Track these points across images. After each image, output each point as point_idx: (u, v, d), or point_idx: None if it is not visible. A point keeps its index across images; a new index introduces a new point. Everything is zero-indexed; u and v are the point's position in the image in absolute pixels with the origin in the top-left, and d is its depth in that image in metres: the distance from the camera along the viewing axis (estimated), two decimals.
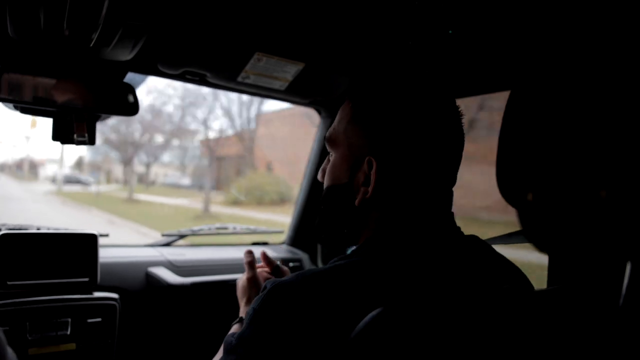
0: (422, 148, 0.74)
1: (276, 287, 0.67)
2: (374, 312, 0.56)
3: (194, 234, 1.94)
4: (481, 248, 0.78)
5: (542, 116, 0.68)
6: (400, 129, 0.74)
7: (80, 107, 1.28)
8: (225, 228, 2.02)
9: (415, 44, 1.22)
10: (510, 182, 0.71)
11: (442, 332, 0.55)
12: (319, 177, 0.89)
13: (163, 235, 1.91)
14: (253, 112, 16.23)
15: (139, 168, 22.34)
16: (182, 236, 1.91)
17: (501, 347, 0.57)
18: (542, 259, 0.98)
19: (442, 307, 0.57)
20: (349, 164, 0.79)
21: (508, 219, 0.79)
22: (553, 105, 0.68)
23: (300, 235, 2.08)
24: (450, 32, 1.12)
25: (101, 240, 1.52)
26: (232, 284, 1.66)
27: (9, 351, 0.58)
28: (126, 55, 1.27)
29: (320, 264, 2.08)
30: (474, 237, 0.79)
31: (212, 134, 17.69)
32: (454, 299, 0.59)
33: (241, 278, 1.13)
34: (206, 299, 1.60)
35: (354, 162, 0.78)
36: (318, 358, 0.61)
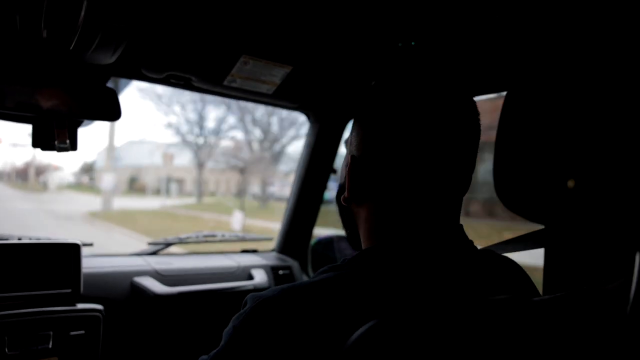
0: (407, 149, 0.69)
1: (260, 303, 0.63)
2: (367, 325, 0.53)
3: (182, 242, 1.90)
4: (493, 262, 0.74)
5: (538, 116, 0.67)
6: (383, 128, 0.71)
7: (61, 113, 1.24)
8: (214, 236, 1.99)
9: (413, 44, 1.20)
10: (507, 183, 0.69)
11: (437, 344, 0.52)
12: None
13: (149, 243, 1.87)
14: None
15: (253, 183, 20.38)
16: (168, 244, 1.87)
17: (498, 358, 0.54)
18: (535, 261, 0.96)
19: (434, 319, 0.54)
20: (345, 163, 0.79)
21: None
22: (550, 106, 0.66)
23: (289, 243, 2.05)
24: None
25: (85, 250, 1.47)
26: (220, 292, 1.62)
27: None
28: (108, 59, 1.23)
29: (310, 272, 2.05)
30: (488, 251, 0.75)
31: None
32: (447, 311, 0.56)
33: None
34: (193, 309, 1.56)
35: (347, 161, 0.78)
36: None
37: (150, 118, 39.98)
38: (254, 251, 2.05)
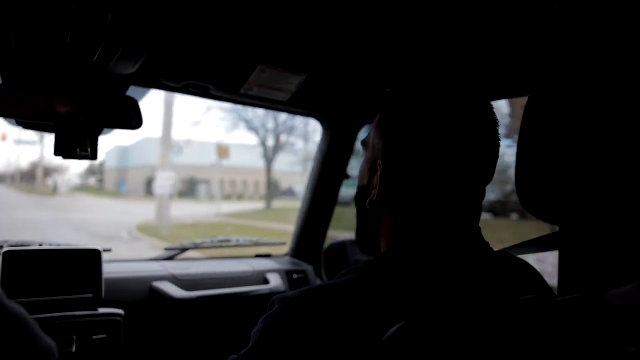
0: (436, 156, 0.71)
1: (288, 304, 0.65)
2: (398, 325, 0.55)
3: (197, 247, 1.93)
4: (510, 264, 0.75)
5: (560, 121, 0.68)
6: (413, 135, 0.72)
7: (83, 122, 1.27)
8: (228, 241, 2.01)
9: (435, 48, 1.21)
10: (529, 186, 0.71)
11: (466, 344, 0.54)
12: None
13: (166, 249, 1.90)
14: None
15: None
16: (184, 249, 1.90)
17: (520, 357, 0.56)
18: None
19: (463, 319, 0.56)
20: (369, 166, 0.80)
21: None
22: (571, 110, 0.68)
23: (303, 247, 2.07)
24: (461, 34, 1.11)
25: (104, 256, 1.50)
26: (237, 297, 1.65)
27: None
28: (129, 69, 1.27)
29: (324, 276, 2.07)
30: (504, 253, 0.77)
31: None
32: (474, 311, 0.58)
33: None
34: (211, 313, 1.59)
35: (373, 165, 0.78)
36: None
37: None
38: (268, 256, 2.08)
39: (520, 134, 0.72)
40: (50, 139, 1.32)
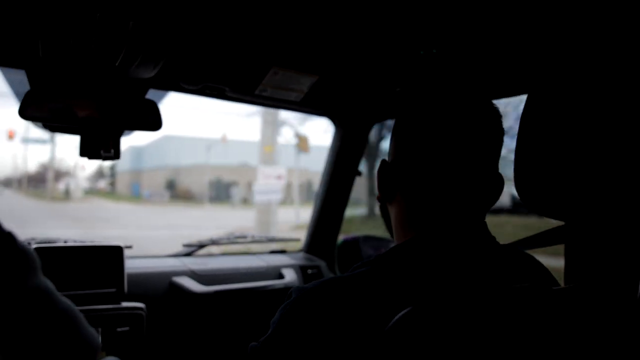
0: (435, 152, 0.75)
1: (304, 294, 0.70)
2: (403, 312, 0.59)
3: (214, 243, 1.99)
4: (516, 257, 0.79)
5: (559, 119, 0.71)
6: (417, 133, 0.77)
7: (106, 124, 1.34)
8: (244, 237, 2.07)
9: (434, 52, 1.25)
10: (528, 183, 0.74)
11: (467, 329, 0.58)
12: None
13: (184, 245, 1.96)
14: None
15: None
16: (202, 246, 1.96)
17: (521, 346, 0.59)
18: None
19: (464, 305, 0.60)
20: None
21: None
22: (570, 108, 0.70)
23: (317, 243, 2.12)
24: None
25: (126, 252, 1.57)
26: (254, 291, 1.70)
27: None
28: (148, 73, 1.33)
29: (337, 271, 2.11)
30: (511, 247, 0.80)
31: None
32: (475, 299, 0.62)
33: None
34: (230, 307, 1.65)
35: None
36: None
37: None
38: (283, 252, 2.13)
39: (519, 132, 0.75)
40: (62, 138, 1.38)
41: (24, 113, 1.22)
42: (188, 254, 1.92)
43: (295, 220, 14.07)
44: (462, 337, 0.58)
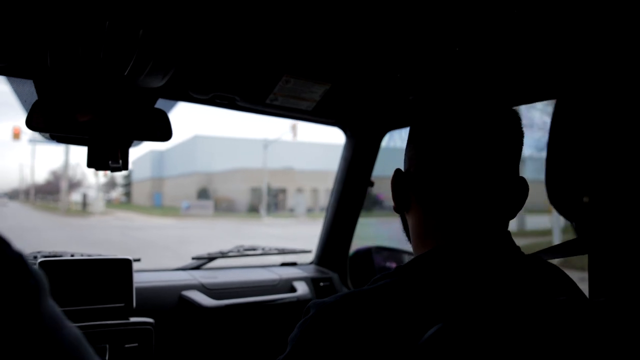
0: (453, 160, 0.73)
1: (323, 309, 0.67)
2: (436, 327, 0.56)
3: (224, 256, 1.95)
4: (541, 267, 0.75)
5: (589, 123, 0.68)
6: (430, 142, 0.75)
7: (114, 134, 1.31)
8: (254, 249, 2.03)
9: (457, 53, 1.22)
10: (559, 189, 0.71)
11: (503, 344, 0.55)
12: None
13: (193, 258, 1.92)
14: None
15: None
16: (211, 259, 1.92)
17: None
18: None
19: (500, 320, 0.57)
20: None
21: None
22: (600, 113, 0.68)
23: (328, 255, 2.08)
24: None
25: (134, 265, 1.53)
26: (265, 304, 1.66)
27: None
28: (158, 83, 1.30)
29: (350, 283, 2.07)
30: (536, 257, 0.77)
31: None
32: (511, 312, 0.59)
33: None
34: (241, 321, 1.61)
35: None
36: None
37: None
38: (294, 264, 2.09)
39: (549, 137, 0.72)
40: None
41: (31, 123, 1.20)
42: (197, 267, 1.89)
43: None
44: (501, 351, 0.54)
